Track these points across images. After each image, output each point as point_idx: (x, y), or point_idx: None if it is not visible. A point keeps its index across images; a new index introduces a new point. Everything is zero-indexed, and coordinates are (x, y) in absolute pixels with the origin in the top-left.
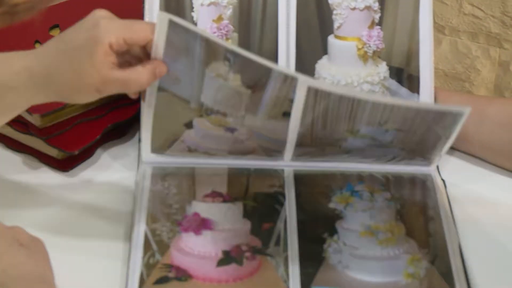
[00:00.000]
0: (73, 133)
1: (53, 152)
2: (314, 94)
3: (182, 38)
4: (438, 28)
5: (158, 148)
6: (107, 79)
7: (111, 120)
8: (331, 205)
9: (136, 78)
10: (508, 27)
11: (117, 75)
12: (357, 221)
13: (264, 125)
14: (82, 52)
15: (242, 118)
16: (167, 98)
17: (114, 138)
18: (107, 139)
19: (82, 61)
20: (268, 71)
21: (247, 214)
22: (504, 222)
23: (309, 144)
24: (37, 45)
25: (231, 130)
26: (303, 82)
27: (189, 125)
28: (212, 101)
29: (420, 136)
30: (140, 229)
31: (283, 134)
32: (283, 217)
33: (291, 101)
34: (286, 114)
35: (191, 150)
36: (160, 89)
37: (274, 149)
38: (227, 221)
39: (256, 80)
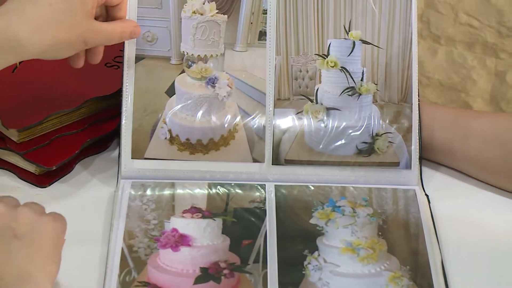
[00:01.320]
0: (51, 148)
1: (31, 167)
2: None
3: None
4: (434, 38)
5: (138, 150)
6: (96, 30)
7: (90, 135)
8: (312, 220)
9: (121, 31)
10: (504, 37)
11: (104, 26)
12: (338, 237)
13: (244, 63)
14: (73, 3)
15: (222, 59)
16: (146, 65)
17: (93, 153)
18: (86, 154)
19: (74, 12)
20: None
21: (226, 230)
22: (488, 239)
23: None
24: None
25: (212, 81)
26: None
27: (170, 91)
28: (192, 45)
29: None
30: (117, 246)
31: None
32: (263, 233)
33: (265, 12)
34: (262, 34)
35: (172, 139)
36: (138, 57)
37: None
38: (206, 237)
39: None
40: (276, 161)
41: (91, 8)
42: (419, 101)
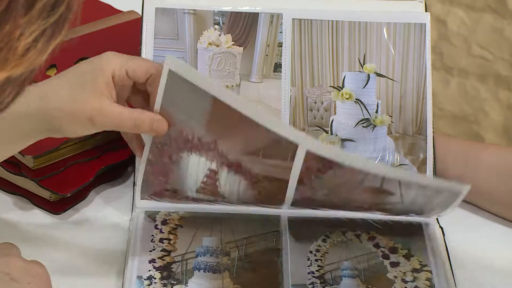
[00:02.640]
0: (66, 175)
1: (45, 194)
2: None
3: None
4: (447, 69)
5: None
6: (105, 110)
7: (105, 162)
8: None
9: (134, 121)
10: None
11: (115, 109)
12: None
13: (259, 94)
14: (85, 78)
15: (238, 89)
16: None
17: (107, 180)
18: (100, 181)
19: (83, 86)
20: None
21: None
22: (502, 272)
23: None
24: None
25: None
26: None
27: None
28: (208, 75)
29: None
30: (133, 278)
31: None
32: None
33: (280, 45)
34: (278, 66)
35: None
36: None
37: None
38: None
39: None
40: None
41: (104, 85)
42: (433, 133)
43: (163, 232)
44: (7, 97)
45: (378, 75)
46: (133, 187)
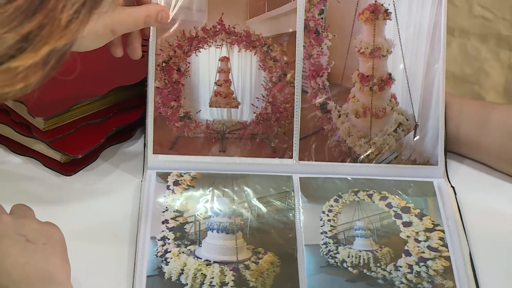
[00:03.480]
0: (77, 136)
1: (56, 155)
2: None
3: None
4: (448, 30)
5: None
6: (122, 17)
7: (116, 124)
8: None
9: (145, 15)
10: None
11: (128, 12)
12: None
13: None
14: None
15: None
16: None
17: (118, 142)
18: (111, 143)
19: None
20: None
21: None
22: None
23: None
24: None
25: None
26: None
27: None
28: None
29: None
30: (146, 239)
31: None
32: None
33: None
34: None
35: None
36: None
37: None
38: None
39: None
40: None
41: None
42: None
43: (175, 193)
44: (51, 68)
45: None
46: (144, 148)
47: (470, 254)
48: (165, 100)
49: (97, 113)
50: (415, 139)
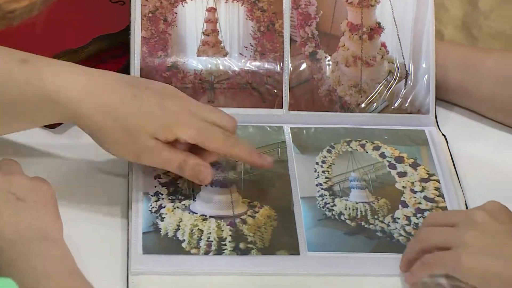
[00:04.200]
0: None
1: None
2: None
3: None
4: None
5: None
6: (154, 152)
7: None
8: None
9: (178, 163)
10: None
11: (164, 153)
12: None
13: None
14: (151, 122)
15: None
16: None
17: None
18: None
19: (146, 130)
20: None
21: None
22: (508, 179)
23: None
24: None
25: None
26: None
27: None
28: None
29: None
30: (139, 195)
31: None
32: None
33: None
34: None
35: None
36: None
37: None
38: None
39: None
40: None
41: (153, 131)
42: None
43: None
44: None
45: None
46: None
47: (466, 204)
48: (152, 50)
49: (80, 62)
50: (406, 87)
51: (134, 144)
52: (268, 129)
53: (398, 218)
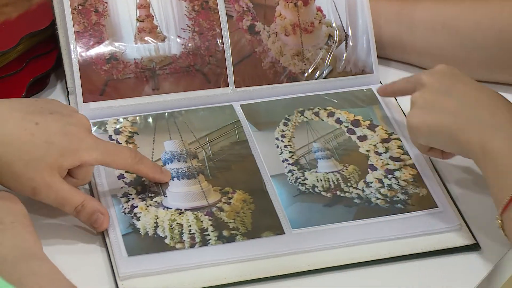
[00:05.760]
0: None
1: None
2: None
3: None
4: None
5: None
6: (52, 187)
7: (32, 74)
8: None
9: (76, 204)
10: None
11: (62, 188)
12: None
13: None
14: (53, 148)
15: None
16: None
17: (37, 92)
18: (31, 93)
19: (46, 161)
20: None
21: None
22: None
23: None
24: None
25: None
26: None
27: None
28: None
29: None
30: (108, 198)
31: None
32: None
33: None
34: None
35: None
36: None
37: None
38: None
39: None
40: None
41: (54, 161)
42: None
43: (120, 142)
44: None
45: None
46: (67, 97)
47: (430, 158)
48: (87, 44)
49: (11, 63)
50: (348, 49)
51: (31, 179)
52: (219, 110)
53: (371, 182)
